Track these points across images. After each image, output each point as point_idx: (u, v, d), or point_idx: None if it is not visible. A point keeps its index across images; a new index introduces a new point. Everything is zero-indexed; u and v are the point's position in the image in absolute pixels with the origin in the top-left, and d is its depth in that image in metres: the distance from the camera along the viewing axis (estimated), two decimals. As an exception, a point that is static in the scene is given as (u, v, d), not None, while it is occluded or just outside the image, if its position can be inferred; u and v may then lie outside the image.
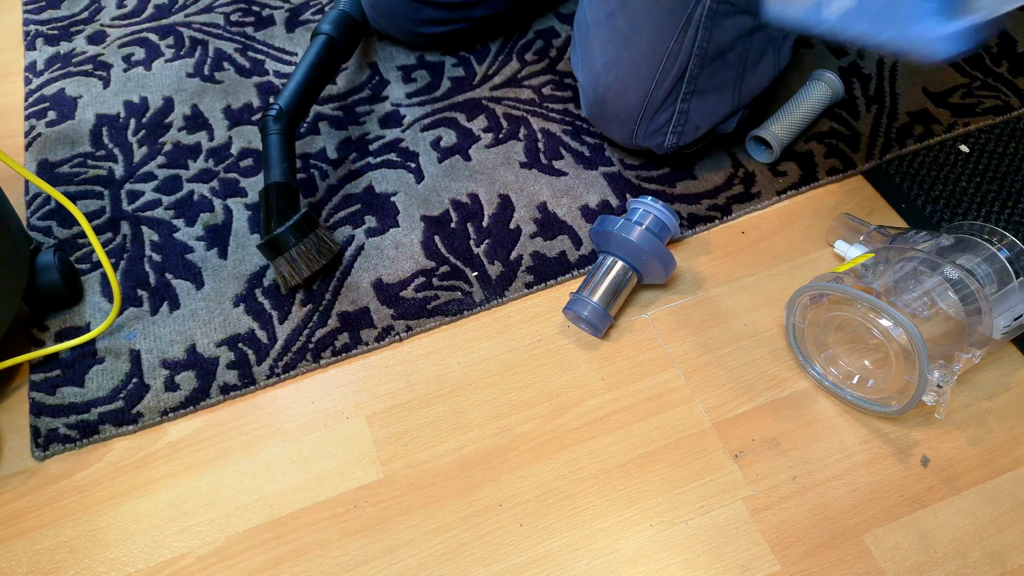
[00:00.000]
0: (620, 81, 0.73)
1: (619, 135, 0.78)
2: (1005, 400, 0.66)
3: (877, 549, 0.60)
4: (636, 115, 0.74)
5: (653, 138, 0.76)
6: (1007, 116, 0.84)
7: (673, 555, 0.60)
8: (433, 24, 0.88)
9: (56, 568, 0.61)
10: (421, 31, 0.89)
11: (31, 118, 0.90)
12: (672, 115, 0.74)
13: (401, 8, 0.86)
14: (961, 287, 0.61)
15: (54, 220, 0.81)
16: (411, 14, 0.86)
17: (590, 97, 0.77)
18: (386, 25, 0.89)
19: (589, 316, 0.68)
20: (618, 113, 0.75)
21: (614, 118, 0.76)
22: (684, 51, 0.71)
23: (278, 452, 0.66)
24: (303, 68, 0.81)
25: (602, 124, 0.79)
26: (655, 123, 0.75)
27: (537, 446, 0.65)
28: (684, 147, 0.77)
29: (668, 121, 0.75)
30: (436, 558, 0.60)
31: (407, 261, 0.76)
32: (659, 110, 0.74)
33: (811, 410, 0.66)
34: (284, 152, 0.76)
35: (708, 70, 0.73)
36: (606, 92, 0.75)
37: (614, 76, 0.74)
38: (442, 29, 0.89)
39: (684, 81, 0.72)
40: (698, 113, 0.75)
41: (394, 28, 0.89)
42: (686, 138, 0.76)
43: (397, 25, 0.88)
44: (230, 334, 0.72)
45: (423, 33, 0.89)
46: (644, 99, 0.73)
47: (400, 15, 0.86)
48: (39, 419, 0.68)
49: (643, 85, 0.73)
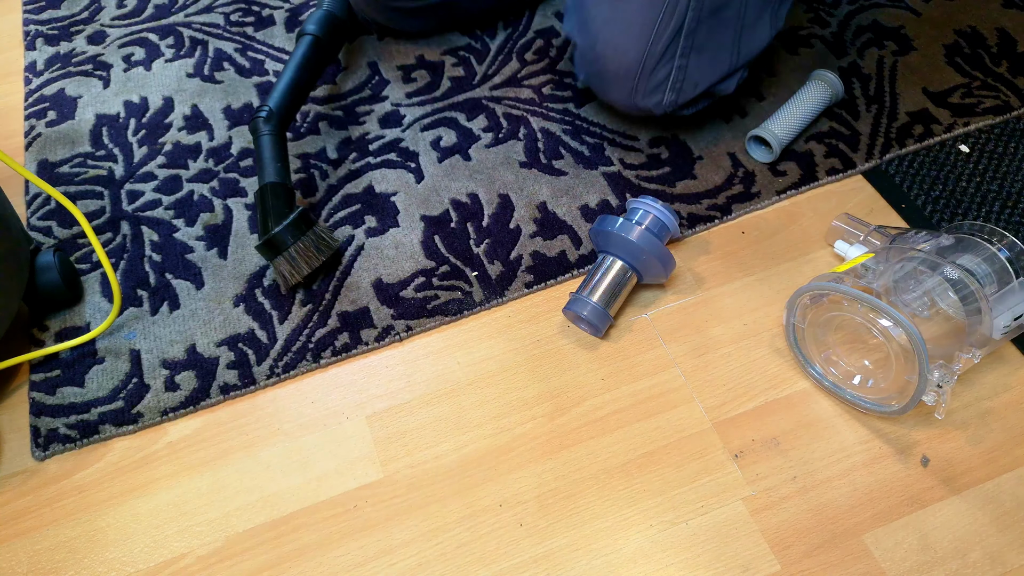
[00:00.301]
0: (618, 36, 0.74)
1: (618, 95, 0.78)
2: (1005, 400, 0.66)
3: (877, 549, 0.60)
4: (635, 70, 0.74)
5: (652, 96, 0.76)
6: (1007, 116, 0.84)
7: (673, 555, 0.60)
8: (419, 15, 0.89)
9: (56, 568, 0.61)
10: (396, 5, 0.89)
11: (31, 118, 0.90)
12: (671, 71, 0.75)
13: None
14: (961, 287, 0.61)
15: (54, 220, 0.81)
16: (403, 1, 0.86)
17: (588, 56, 0.77)
18: (367, 8, 0.89)
19: (589, 316, 0.68)
20: (616, 69, 0.75)
21: (613, 75, 0.76)
22: (681, 5, 0.71)
23: (278, 452, 0.66)
24: (291, 69, 0.81)
25: (601, 85, 0.78)
26: (654, 79, 0.75)
27: (537, 446, 0.65)
28: (683, 106, 0.77)
29: (667, 77, 0.75)
30: (436, 558, 0.60)
31: (407, 261, 0.76)
32: (657, 66, 0.74)
33: (811, 410, 0.66)
34: (277, 152, 0.76)
35: (705, 26, 0.73)
36: (604, 49, 0.75)
37: (611, 32, 0.74)
38: (417, 4, 0.89)
39: (682, 36, 0.73)
40: (696, 70, 0.75)
41: (373, 10, 0.89)
42: (685, 95, 0.76)
43: (374, 4, 0.89)
44: (230, 334, 0.72)
45: (398, 8, 0.89)
46: (643, 54, 0.73)
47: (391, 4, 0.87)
48: (39, 419, 0.68)
49: (641, 40, 0.73)
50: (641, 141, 0.84)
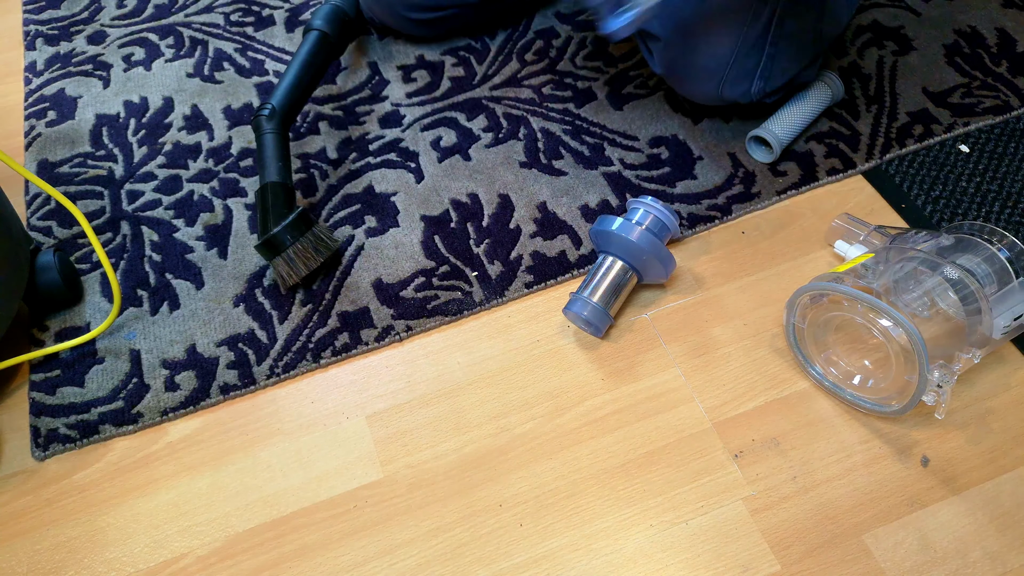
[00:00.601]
0: (712, 27, 0.73)
1: (704, 87, 0.77)
2: (1005, 400, 0.66)
3: (877, 549, 0.60)
4: (727, 60, 0.74)
5: (740, 85, 0.76)
6: (1007, 116, 0.84)
7: (673, 555, 0.60)
8: (423, 10, 0.88)
9: (56, 568, 0.61)
10: (411, 16, 0.89)
11: (31, 118, 0.90)
12: (760, 60, 0.74)
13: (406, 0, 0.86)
14: (961, 287, 0.61)
15: (54, 220, 0.81)
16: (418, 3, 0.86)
17: (675, 49, 0.75)
18: (378, 11, 0.89)
19: (589, 316, 0.68)
20: (707, 61, 0.75)
21: (703, 67, 0.75)
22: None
23: (278, 452, 0.66)
24: (296, 66, 0.80)
25: (687, 77, 0.77)
26: (744, 68, 0.75)
27: (537, 446, 0.65)
28: (770, 93, 0.78)
29: (756, 65, 0.75)
30: (436, 558, 0.60)
31: (407, 261, 0.76)
32: (748, 55, 0.74)
33: (811, 410, 0.66)
34: (279, 151, 0.76)
35: (793, 12, 0.73)
36: (697, 40, 0.74)
37: (705, 23, 0.73)
38: (432, 15, 0.89)
39: (773, 23, 0.73)
40: (785, 57, 0.75)
41: (386, 14, 0.89)
42: (773, 83, 0.76)
43: (387, 8, 0.89)
44: (230, 334, 0.72)
45: (412, 19, 0.89)
46: (736, 43, 0.73)
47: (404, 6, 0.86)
48: (39, 419, 0.68)
49: (735, 29, 0.72)
50: (641, 141, 0.84)
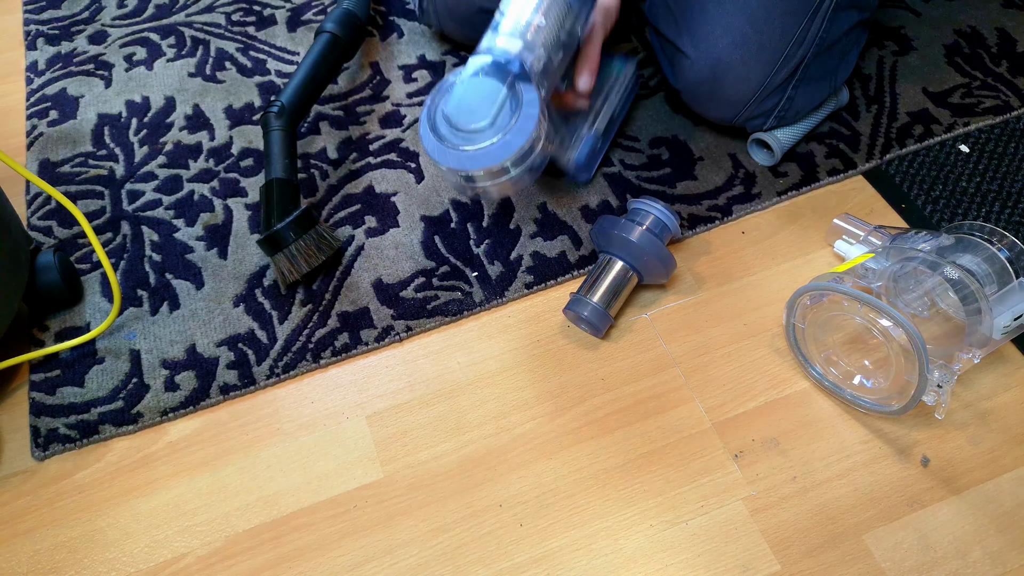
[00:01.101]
0: (744, 63, 0.73)
1: (722, 113, 0.78)
2: (1005, 400, 0.66)
3: (877, 549, 0.60)
4: (750, 98, 0.75)
5: (755, 120, 0.78)
6: (1007, 116, 0.84)
7: (673, 555, 0.60)
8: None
9: (56, 568, 0.61)
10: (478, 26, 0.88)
11: (32, 118, 0.90)
12: (780, 100, 0.76)
13: (478, 20, 0.83)
14: (961, 287, 0.61)
15: (54, 220, 0.81)
16: (485, 25, 0.84)
17: (702, 74, 0.75)
18: (454, 29, 0.88)
19: (589, 316, 0.68)
20: (732, 94, 0.75)
21: (726, 98, 0.76)
22: (808, 39, 0.73)
23: (278, 452, 0.66)
24: (306, 66, 0.81)
25: (708, 102, 0.78)
26: (762, 107, 0.76)
27: (537, 446, 0.65)
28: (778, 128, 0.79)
29: (775, 106, 0.76)
30: (436, 558, 0.60)
31: (407, 261, 0.76)
32: (772, 94, 0.75)
33: (811, 410, 0.66)
34: (286, 149, 0.76)
35: (819, 59, 0.75)
36: (726, 72, 0.74)
37: (740, 56, 0.73)
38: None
39: (800, 67, 0.74)
40: (802, 100, 0.77)
41: (463, 31, 0.88)
42: (786, 122, 0.78)
43: (469, 30, 0.86)
44: (230, 334, 0.72)
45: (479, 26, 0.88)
46: (763, 82, 0.74)
47: (476, 25, 0.84)
48: (39, 419, 0.68)
49: (766, 69, 0.73)
50: (642, 142, 0.84)
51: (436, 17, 0.89)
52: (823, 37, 0.73)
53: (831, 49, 0.75)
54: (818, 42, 0.73)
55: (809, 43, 0.73)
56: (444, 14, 0.88)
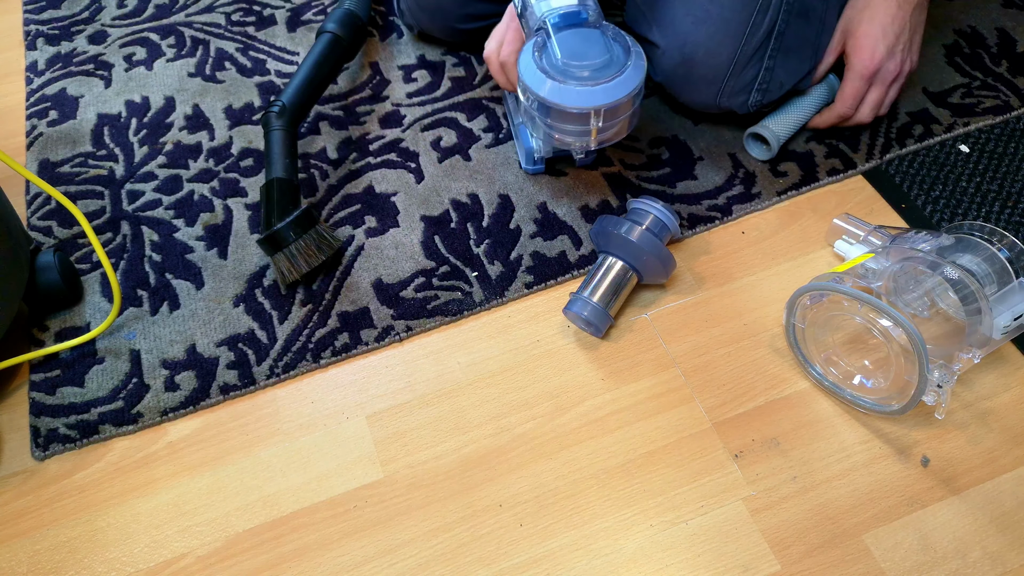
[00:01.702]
0: (710, 38, 0.73)
1: (702, 97, 0.78)
2: (1005, 400, 0.66)
3: (877, 549, 0.60)
4: (725, 72, 0.75)
5: (737, 96, 0.77)
6: (1007, 116, 0.84)
7: (673, 555, 0.60)
8: (475, 19, 0.88)
9: (56, 568, 0.61)
10: (462, 27, 0.88)
11: (32, 118, 0.90)
12: (759, 72, 0.75)
13: (451, 6, 0.86)
14: (961, 287, 0.61)
15: (54, 220, 0.81)
16: (459, 9, 0.86)
17: (674, 58, 0.76)
18: (428, 22, 0.89)
19: (589, 316, 0.68)
20: (706, 72, 0.75)
21: (701, 78, 0.76)
22: (773, 5, 0.72)
23: (278, 452, 0.66)
24: (307, 66, 0.81)
25: (685, 86, 0.78)
26: (741, 80, 0.75)
27: (537, 446, 0.65)
28: (767, 105, 0.78)
29: (754, 78, 0.75)
30: (436, 558, 0.60)
31: (407, 261, 0.76)
32: (746, 67, 0.74)
33: (811, 410, 0.66)
34: (286, 148, 0.76)
35: (793, 26, 0.74)
36: (695, 50, 0.74)
37: (704, 33, 0.73)
38: (482, 24, 0.89)
39: (772, 37, 0.73)
40: (783, 70, 0.76)
41: (436, 25, 0.89)
42: (771, 95, 0.77)
43: (440, 21, 0.88)
44: (230, 334, 0.72)
45: (464, 29, 0.89)
46: (734, 55, 0.73)
47: (449, 9, 0.86)
48: (39, 419, 0.68)
49: (734, 41, 0.73)
50: (641, 141, 0.84)
51: (410, 14, 0.90)
52: (791, 2, 0.73)
53: (806, 15, 0.74)
54: (787, 7, 0.72)
55: (776, 9, 0.72)
56: (415, 8, 0.89)
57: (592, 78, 0.63)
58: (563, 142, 0.68)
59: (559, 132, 0.66)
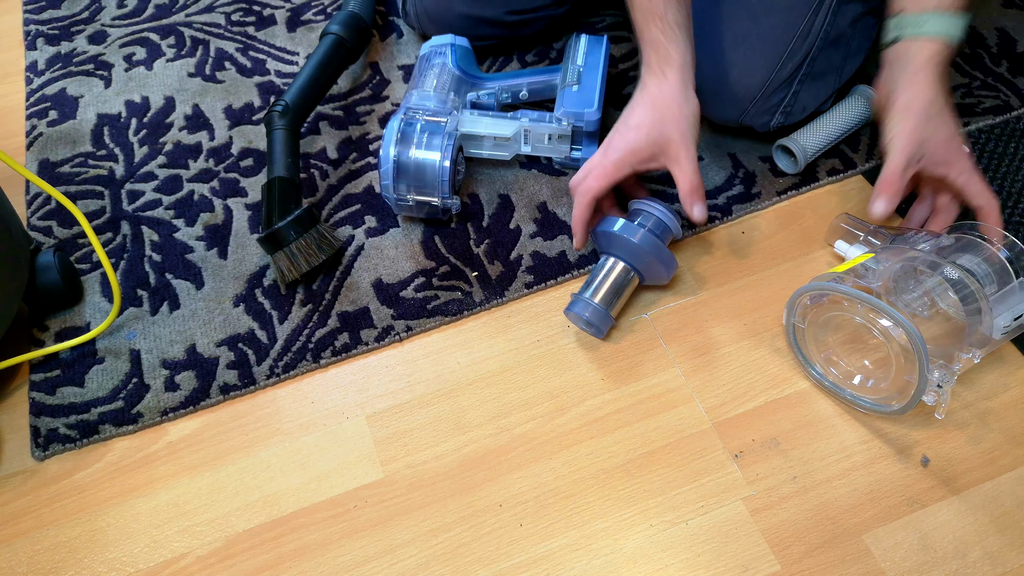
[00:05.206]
0: (746, 58, 0.73)
1: (725, 113, 0.78)
2: (1005, 400, 0.66)
3: (877, 549, 0.60)
4: (755, 94, 0.74)
5: (760, 117, 0.77)
6: (1007, 116, 0.84)
7: (673, 555, 0.60)
8: (481, 40, 0.88)
9: (56, 568, 0.61)
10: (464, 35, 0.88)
11: (32, 118, 0.90)
12: (785, 96, 0.75)
13: (458, 25, 0.86)
14: (961, 287, 0.61)
15: (54, 220, 0.81)
16: (467, 31, 0.85)
17: (706, 72, 0.74)
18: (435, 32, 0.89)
19: (591, 318, 0.68)
20: (738, 91, 0.75)
21: (730, 96, 0.76)
22: (812, 33, 0.72)
23: (278, 452, 0.66)
24: (311, 66, 0.81)
25: (712, 101, 0.76)
26: (767, 103, 0.75)
27: (537, 446, 0.65)
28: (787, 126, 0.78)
29: (780, 102, 0.75)
30: (436, 558, 0.60)
31: (407, 261, 0.76)
32: (776, 90, 0.74)
33: (811, 410, 0.66)
34: (289, 148, 0.76)
35: (824, 53, 0.74)
36: (730, 68, 0.74)
37: (742, 53, 0.73)
38: (487, 43, 0.90)
39: (805, 62, 0.73)
40: (808, 95, 0.76)
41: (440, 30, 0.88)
42: (792, 118, 0.77)
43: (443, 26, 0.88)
44: (230, 334, 0.72)
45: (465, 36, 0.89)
46: (768, 78, 0.73)
47: (456, 30, 0.85)
48: (39, 419, 0.68)
49: (770, 64, 0.73)
50: (641, 141, 0.83)
51: (417, 20, 0.90)
52: (828, 31, 0.73)
53: (837, 42, 0.75)
54: (823, 36, 0.73)
55: (814, 36, 0.72)
56: (424, 18, 0.89)
57: None
58: None
59: None
